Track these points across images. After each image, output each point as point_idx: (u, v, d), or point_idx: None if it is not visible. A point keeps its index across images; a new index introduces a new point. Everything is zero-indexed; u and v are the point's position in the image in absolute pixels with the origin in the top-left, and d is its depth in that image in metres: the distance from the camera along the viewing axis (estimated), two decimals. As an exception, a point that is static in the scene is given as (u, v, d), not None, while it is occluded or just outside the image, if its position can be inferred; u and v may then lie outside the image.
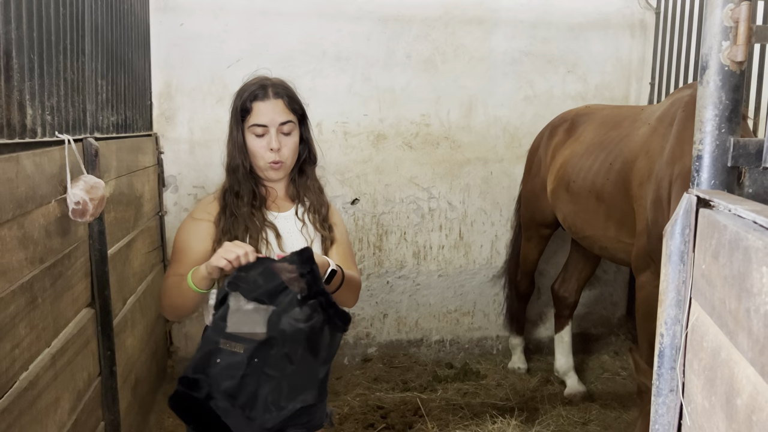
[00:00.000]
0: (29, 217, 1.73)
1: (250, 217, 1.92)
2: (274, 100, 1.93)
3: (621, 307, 4.89)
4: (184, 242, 1.95)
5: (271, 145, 1.91)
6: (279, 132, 1.92)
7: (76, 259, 2.19)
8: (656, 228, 2.73)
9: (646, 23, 4.51)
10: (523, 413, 3.68)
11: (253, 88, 1.95)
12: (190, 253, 1.92)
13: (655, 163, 2.81)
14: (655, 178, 2.75)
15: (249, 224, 1.91)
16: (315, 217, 2.03)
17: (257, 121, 1.91)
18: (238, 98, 1.98)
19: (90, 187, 2.02)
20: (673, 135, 2.74)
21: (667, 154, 2.71)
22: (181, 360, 4.22)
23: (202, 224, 1.94)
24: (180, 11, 3.97)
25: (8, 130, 1.64)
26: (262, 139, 1.92)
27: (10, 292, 1.59)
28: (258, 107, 1.91)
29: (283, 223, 1.98)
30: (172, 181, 4.11)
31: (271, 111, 1.91)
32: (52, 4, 1.96)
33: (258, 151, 1.93)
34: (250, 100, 1.92)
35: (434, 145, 4.41)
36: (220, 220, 1.94)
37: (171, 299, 1.91)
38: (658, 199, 2.71)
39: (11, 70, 1.64)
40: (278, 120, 1.92)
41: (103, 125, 2.72)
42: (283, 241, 1.94)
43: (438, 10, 4.28)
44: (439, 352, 4.61)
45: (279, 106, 1.93)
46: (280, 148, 1.92)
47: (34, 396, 1.73)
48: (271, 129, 1.91)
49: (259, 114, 1.91)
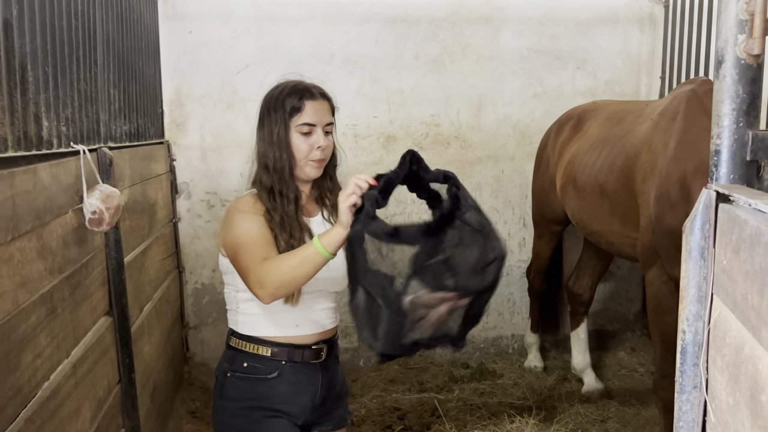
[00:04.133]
0: (47, 228, 1.75)
1: (294, 219, 1.91)
2: (322, 101, 1.95)
3: (636, 303, 4.86)
4: (247, 234, 1.85)
5: (319, 143, 1.92)
6: (324, 131, 1.94)
7: (93, 268, 2.21)
8: (661, 224, 2.71)
9: (655, 17, 4.49)
10: (541, 412, 3.66)
11: (299, 89, 1.95)
12: (261, 239, 1.84)
13: (658, 158, 2.79)
14: (659, 173, 2.74)
15: (293, 225, 1.89)
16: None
17: (307, 119, 1.91)
18: (278, 98, 1.95)
19: (106, 196, 2.04)
20: (677, 130, 2.72)
21: (671, 150, 2.70)
22: (198, 365, 4.24)
23: (257, 217, 1.89)
24: (188, 19, 3.99)
25: (25, 142, 1.66)
26: (308, 137, 1.92)
27: (31, 303, 1.61)
28: (309, 107, 1.92)
29: (315, 228, 1.97)
30: (184, 188, 4.14)
31: (320, 111, 1.93)
32: (64, 16, 1.98)
33: (304, 148, 1.92)
34: (301, 99, 1.92)
35: (444, 145, 4.41)
36: (270, 218, 1.90)
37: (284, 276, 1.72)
38: (662, 195, 2.70)
39: (27, 83, 1.66)
40: (325, 120, 1.94)
41: (116, 134, 2.74)
42: None
43: (445, 10, 4.28)
44: (454, 352, 4.60)
45: (325, 107, 1.96)
46: (326, 146, 1.94)
47: (56, 405, 1.75)
48: (318, 128, 1.92)
49: (310, 113, 1.91)
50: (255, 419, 1.92)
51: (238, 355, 1.96)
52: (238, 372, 1.95)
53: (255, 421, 1.92)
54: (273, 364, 1.94)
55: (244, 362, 1.94)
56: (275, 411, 1.93)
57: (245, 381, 1.94)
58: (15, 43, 1.58)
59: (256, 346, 1.94)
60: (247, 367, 1.94)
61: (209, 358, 4.25)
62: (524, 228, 4.56)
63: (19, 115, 1.61)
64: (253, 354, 1.94)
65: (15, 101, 1.59)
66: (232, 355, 1.98)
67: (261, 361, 1.93)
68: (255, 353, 1.94)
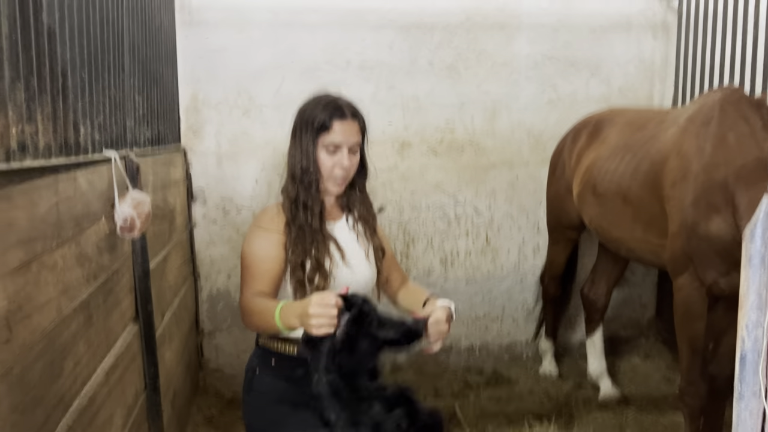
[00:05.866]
0: (84, 234, 1.74)
1: (318, 231, 1.95)
2: (351, 121, 1.97)
3: (650, 309, 4.85)
4: (255, 253, 1.94)
5: (343, 164, 1.95)
6: (350, 151, 1.96)
7: (122, 275, 2.21)
8: (697, 229, 2.71)
9: (668, 24, 4.50)
10: (560, 418, 3.65)
11: (331, 107, 1.97)
12: (264, 264, 1.92)
13: (691, 163, 2.79)
14: (695, 178, 2.74)
15: (317, 237, 1.94)
16: (365, 228, 2.09)
17: (334, 140, 1.94)
18: (311, 114, 1.98)
19: (137, 203, 2.04)
20: (712, 135, 2.72)
21: (708, 155, 2.70)
22: (212, 372, 4.23)
23: (272, 235, 1.95)
24: (205, 25, 3.99)
25: (66, 148, 1.65)
26: (333, 155, 1.95)
27: (72, 310, 1.61)
28: (337, 126, 1.94)
29: (339, 234, 2.02)
30: (200, 194, 4.13)
31: (348, 131, 1.95)
32: (98, 24, 1.99)
33: (328, 166, 1.95)
34: (329, 118, 1.94)
35: (459, 151, 4.41)
36: (289, 231, 1.95)
37: (255, 324, 1.88)
38: (699, 200, 2.69)
39: (67, 90, 1.66)
40: (352, 141, 1.96)
41: (140, 140, 2.74)
42: (345, 254, 1.99)
43: (459, 17, 4.28)
44: (468, 359, 4.59)
45: (355, 127, 1.98)
46: (350, 167, 1.97)
47: (93, 413, 1.74)
48: (344, 148, 1.95)
49: (338, 133, 1.94)
50: (283, 412, 1.96)
51: (266, 353, 2.01)
52: (267, 369, 2.00)
53: (283, 413, 1.96)
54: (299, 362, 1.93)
55: (271, 359, 1.99)
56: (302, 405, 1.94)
57: (273, 377, 1.98)
58: (57, 50, 1.58)
59: (284, 345, 1.97)
60: (275, 365, 1.99)
61: (224, 365, 4.24)
62: (538, 234, 4.55)
63: (61, 122, 1.61)
64: (280, 353, 1.97)
65: (57, 108, 1.59)
66: (261, 353, 2.03)
67: (288, 359, 1.96)
68: (282, 352, 1.97)
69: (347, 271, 1.98)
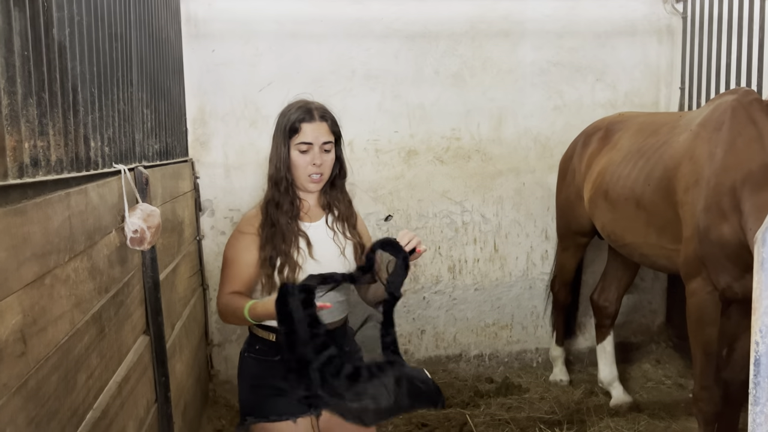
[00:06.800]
0: (96, 247, 1.76)
1: (287, 227, 2.16)
2: (320, 123, 2.18)
3: (660, 314, 4.83)
4: (232, 256, 2.20)
5: (314, 160, 2.17)
6: (321, 150, 2.17)
7: (132, 287, 2.22)
8: (710, 234, 2.70)
9: (673, 28, 4.50)
10: (572, 426, 3.63)
11: (301, 111, 2.19)
12: (239, 267, 2.17)
13: (703, 168, 2.78)
14: (706, 183, 2.73)
15: (285, 233, 2.15)
16: (345, 226, 2.27)
17: (304, 139, 2.16)
18: (284, 119, 2.21)
19: (147, 215, 2.05)
20: (723, 140, 2.71)
21: (719, 160, 2.69)
22: (222, 383, 4.23)
23: (247, 237, 2.18)
24: (211, 38, 4.02)
25: (77, 163, 1.67)
26: (306, 155, 2.17)
27: (84, 323, 1.62)
28: (305, 128, 2.16)
29: (314, 232, 2.22)
30: (208, 206, 4.15)
31: (317, 131, 2.17)
32: (107, 38, 2.01)
33: (302, 165, 2.18)
34: (298, 121, 2.17)
35: (465, 159, 4.41)
36: (263, 229, 2.17)
37: (230, 321, 2.19)
38: (711, 205, 2.68)
39: (78, 105, 1.67)
40: (322, 140, 2.18)
41: (148, 153, 2.76)
42: (313, 249, 2.18)
43: (464, 25, 4.30)
44: (478, 367, 4.58)
45: (323, 128, 2.19)
46: (321, 163, 2.17)
47: (106, 426, 1.74)
48: (315, 147, 2.17)
49: (306, 134, 2.16)
50: (262, 396, 2.18)
51: (254, 338, 2.24)
52: (252, 353, 2.24)
53: (262, 397, 2.18)
54: (277, 347, 2.14)
55: (257, 345, 2.23)
56: (278, 390, 2.12)
57: (256, 361, 2.22)
58: (68, 66, 1.60)
59: (266, 332, 2.19)
60: (258, 349, 2.22)
61: (233, 376, 4.22)
62: (546, 240, 4.55)
63: (72, 136, 1.63)
64: (263, 339, 2.21)
65: (69, 123, 1.60)
66: (250, 338, 2.27)
67: (268, 345, 2.19)
68: (265, 338, 2.20)
69: (315, 264, 2.14)
